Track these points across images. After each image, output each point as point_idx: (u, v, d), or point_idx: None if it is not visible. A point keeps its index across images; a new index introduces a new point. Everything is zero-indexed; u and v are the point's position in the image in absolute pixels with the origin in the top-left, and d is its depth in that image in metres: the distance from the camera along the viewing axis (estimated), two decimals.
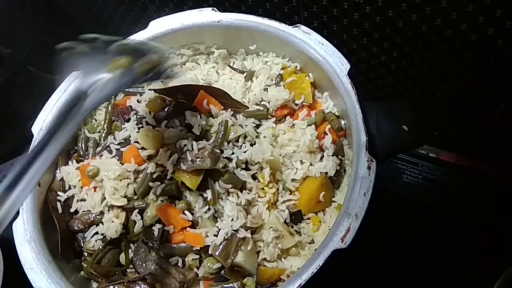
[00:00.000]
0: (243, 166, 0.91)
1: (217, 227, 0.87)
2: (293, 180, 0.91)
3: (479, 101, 1.20)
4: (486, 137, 1.28)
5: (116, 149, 0.96)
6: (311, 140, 0.92)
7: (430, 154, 1.32)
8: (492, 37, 1.01)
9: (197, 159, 0.88)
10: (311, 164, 0.92)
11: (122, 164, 0.93)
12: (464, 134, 1.32)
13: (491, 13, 0.96)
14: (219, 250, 0.84)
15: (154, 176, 0.91)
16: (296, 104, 0.99)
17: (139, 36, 1.06)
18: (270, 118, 0.97)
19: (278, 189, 0.91)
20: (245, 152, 0.91)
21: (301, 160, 0.92)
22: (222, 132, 0.91)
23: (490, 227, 1.19)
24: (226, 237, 0.85)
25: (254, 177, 0.90)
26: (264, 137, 0.93)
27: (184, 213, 0.89)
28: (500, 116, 1.19)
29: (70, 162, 1.00)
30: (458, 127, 1.32)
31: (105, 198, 0.91)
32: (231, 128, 0.93)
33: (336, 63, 0.93)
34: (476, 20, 0.99)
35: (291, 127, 0.96)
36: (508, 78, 1.09)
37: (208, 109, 0.96)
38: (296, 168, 0.92)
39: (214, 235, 0.86)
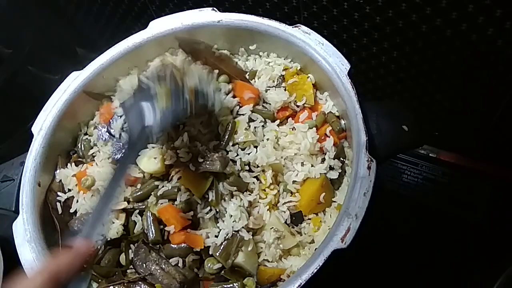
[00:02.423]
0: (247, 168, 0.91)
1: (218, 227, 0.87)
2: (294, 182, 0.91)
3: (479, 101, 1.20)
4: (486, 137, 1.28)
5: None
6: (312, 143, 0.92)
7: (430, 154, 1.32)
8: (492, 37, 1.01)
9: (207, 162, 0.88)
10: (312, 166, 0.92)
11: None
12: (464, 134, 1.32)
13: (491, 13, 0.96)
14: (220, 250, 0.84)
15: (156, 183, 0.92)
16: (298, 106, 0.99)
17: (139, 36, 1.06)
18: (274, 121, 0.97)
19: (279, 191, 0.91)
20: (249, 154, 0.91)
21: (302, 163, 0.92)
22: (229, 131, 0.92)
23: (490, 227, 1.19)
24: (226, 237, 0.85)
25: (256, 178, 0.91)
26: (268, 139, 0.93)
27: (184, 212, 0.89)
28: (500, 116, 1.19)
29: (69, 164, 1.00)
30: (458, 127, 1.32)
31: None
32: (244, 131, 0.93)
33: (336, 63, 0.93)
34: (476, 20, 0.99)
35: (292, 130, 0.96)
36: (508, 78, 1.08)
37: (253, 98, 0.97)
38: (297, 170, 0.91)
39: (215, 236, 0.86)
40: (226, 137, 0.92)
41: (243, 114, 0.96)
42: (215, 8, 1.05)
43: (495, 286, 0.95)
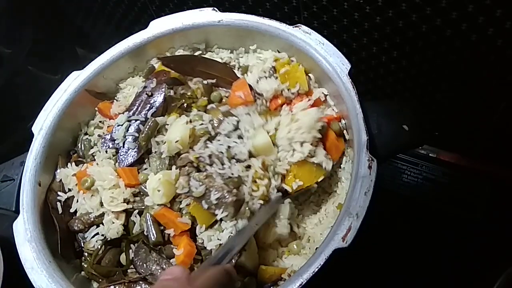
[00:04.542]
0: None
1: (222, 227, 0.86)
2: (288, 163, 0.89)
3: (479, 101, 1.20)
4: (486, 137, 1.28)
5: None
6: (314, 117, 0.90)
7: (430, 154, 1.32)
8: (492, 37, 1.01)
9: (220, 207, 0.85)
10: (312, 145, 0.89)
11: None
12: (464, 134, 1.32)
13: (491, 13, 0.96)
14: None
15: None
16: (293, 93, 0.97)
17: (139, 36, 1.07)
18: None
19: (269, 179, 0.89)
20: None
21: (302, 142, 0.89)
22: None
23: (490, 227, 1.19)
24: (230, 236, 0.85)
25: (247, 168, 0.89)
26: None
27: (181, 217, 0.88)
28: (500, 116, 1.19)
29: (69, 164, 1.00)
30: (458, 127, 1.32)
31: (103, 204, 0.92)
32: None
33: (336, 63, 0.93)
34: (476, 20, 0.99)
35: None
36: (508, 79, 1.09)
37: (241, 100, 0.95)
38: (294, 150, 0.89)
39: (218, 239, 0.85)
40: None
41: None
42: (215, 8, 1.05)
43: (495, 286, 0.95)
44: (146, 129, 0.94)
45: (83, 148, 1.03)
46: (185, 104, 1.00)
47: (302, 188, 0.89)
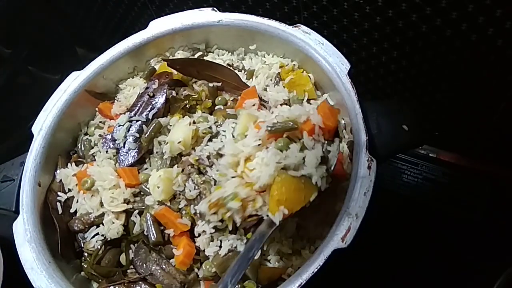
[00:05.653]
0: None
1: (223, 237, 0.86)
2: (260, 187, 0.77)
3: (479, 101, 1.20)
4: (486, 137, 1.28)
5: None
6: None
7: (430, 154, 1.32)
8: (492, 37, 1.01)
9: (203, 219, 0.84)
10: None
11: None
12: (464, 134, 1.32)
13: (491, 13, 0.96)
14: (219, 262, 0.84)
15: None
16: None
17: (139, 36, 1.07)
18: None
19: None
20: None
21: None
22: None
23: (490, 227, 1.19)
24: (230, 249, 0.84)
25: None
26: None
27: (182, 218, 0.88)
28: (500, 116, 1.19)
29: (69, 164, 1.00)
30: (458, 127, 1.32)
31: (103, 204, 0.92)
32: None
33: (336, 63, 0.93)
34: (476, 20, 0.99)
35: None
36: (508, 79, 1.08)
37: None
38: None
39: (217, 246, 0.85)
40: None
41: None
42: (215, 8, 1.05)
43: (495, 286, 0.95)
44: (149, 130, 0.95)
45: (83, 149, 1.03)
46: (188, 105, 1.00)
47: (290, 215, 0.75)
